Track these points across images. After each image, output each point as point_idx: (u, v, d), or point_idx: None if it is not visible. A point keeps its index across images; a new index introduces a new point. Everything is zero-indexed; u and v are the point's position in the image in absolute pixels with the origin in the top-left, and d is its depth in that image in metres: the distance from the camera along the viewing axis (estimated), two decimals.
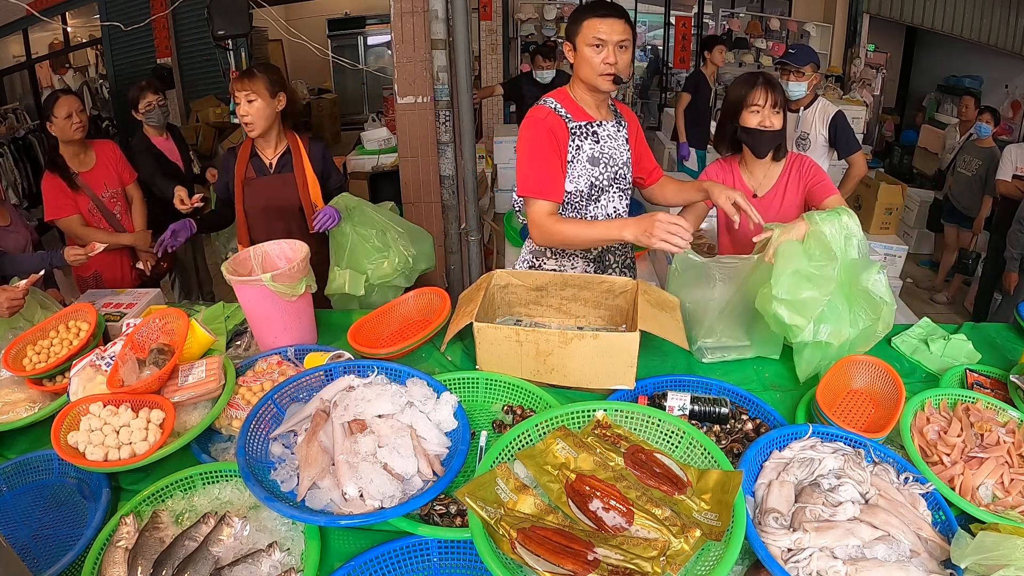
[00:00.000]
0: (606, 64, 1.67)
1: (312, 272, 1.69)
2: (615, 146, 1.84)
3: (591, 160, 1.80)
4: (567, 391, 1.51)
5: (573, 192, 1.81)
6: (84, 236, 2.60)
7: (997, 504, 1.18)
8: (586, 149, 1.79)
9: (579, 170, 1.79)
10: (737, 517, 1.00)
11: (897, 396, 1.38)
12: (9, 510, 1.28)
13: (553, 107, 1.77)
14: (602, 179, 1.83)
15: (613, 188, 1.87)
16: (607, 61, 1.67)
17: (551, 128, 1.73)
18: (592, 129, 1.79)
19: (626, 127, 1.90)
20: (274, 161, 2.26)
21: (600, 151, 1.81)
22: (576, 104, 1.80)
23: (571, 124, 1.76)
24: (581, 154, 1.79)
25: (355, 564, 1.08)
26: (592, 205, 1.85)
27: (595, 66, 1.68)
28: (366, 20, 9.63)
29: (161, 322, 1.59)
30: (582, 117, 1.79)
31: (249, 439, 1.24)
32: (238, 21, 4.12)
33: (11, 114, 6.27)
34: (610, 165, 1.83)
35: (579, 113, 1.79)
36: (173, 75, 6.95)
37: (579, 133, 1.78)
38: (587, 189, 1.82)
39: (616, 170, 1.85)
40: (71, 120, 2.52)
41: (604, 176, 1.83)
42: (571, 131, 1.76)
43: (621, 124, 1.88)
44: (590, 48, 1.67)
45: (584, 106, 1.80)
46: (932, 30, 5.99)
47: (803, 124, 3.15)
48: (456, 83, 2.64)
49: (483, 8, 6.54)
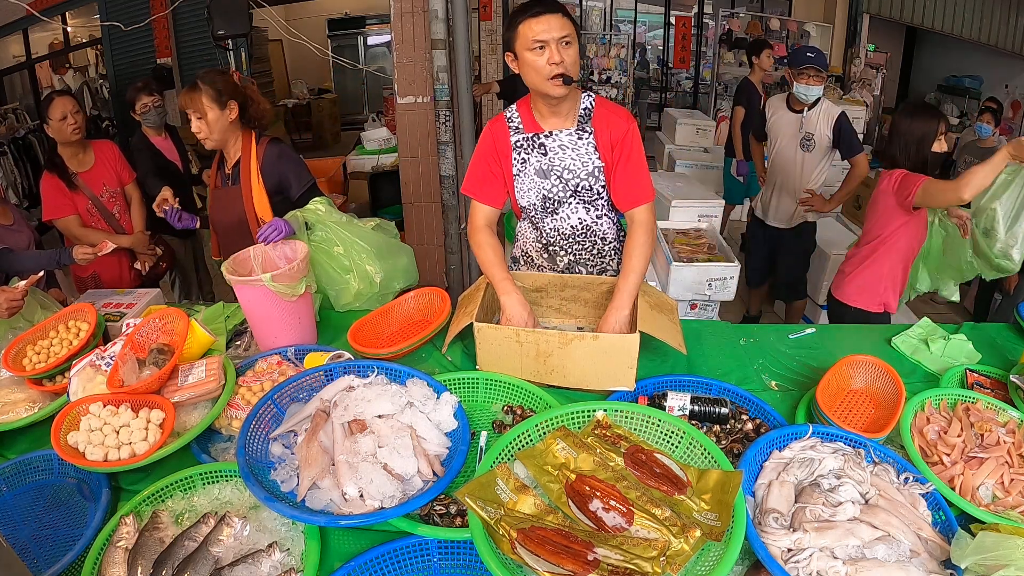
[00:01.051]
0: (552, 65, 1.53)
1: (312, 272, 1.69)
2: (573, 156, 1.69)
3: (539, 173, 1.71)
4: (567, 391, 1.51)
5: (527, 207, 1.78)
6: (82, 237, 2.59)
7: (997, 504, 1.18)
8: (532, 162, 1.71)
9: (528, 184, 1.73)
10: (737, 517, 1.00)
11: (897, 396, 1.38)
12: (9, 510, 1.28)
13: (508, 116, 1.73)
14: (556, 191, 1.73)
15: (574, 200, 1.75)
16: (552, 61, 1.53)
17: (494, 136, 1.72)
18: (539, 141, 1.69)
19: (592, 135, 1.68)
20: (230, 170, 2.12)
21: (550, 163, 1.70)
22: (530, 113, 1.71)
23: (517, 136, 1.70)
24: (528, 167, 1.72)
25: (355, 564, 1.08)
26: (549, 217, 1.78)
27: (540, 70, 1.54)
28: (366, 20, 9.63)
29: (161, 322, 1.59)
30: (532, 128, 1.70)
31: (249, 439, 1.24)
32: (238, 21, 4.13)
33: (11, 114, 6.27)
34: (565, 177, 1.71)
35: (530, 124, 1.71)
36: (173, 75, 6.95)
37: (524, 146, 1.71)
38: (540, 202, 1.75)
39: (577, 182, 1.72)
40: (66, 122, 2.51)
41: (558, 188, 1.73)
42: (516, 144, 1.71)
43: (586, 132, 1.68)
44: (531, 52, 1.54)
45: (538, 116, 1.70)
46: (932, 30, 5.99)
47: (807, 125, 3.14)
48: (456, 83, 2.64)
49: (483, 8, 6.53)
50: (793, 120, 3.20)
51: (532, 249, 1.90)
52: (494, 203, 1.75)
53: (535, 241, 1.88)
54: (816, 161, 3.17)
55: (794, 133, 3.19)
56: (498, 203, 1.76)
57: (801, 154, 3.18)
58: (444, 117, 2.72)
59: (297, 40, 5.02)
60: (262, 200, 2.06)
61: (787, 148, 3.24)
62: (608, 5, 8.14)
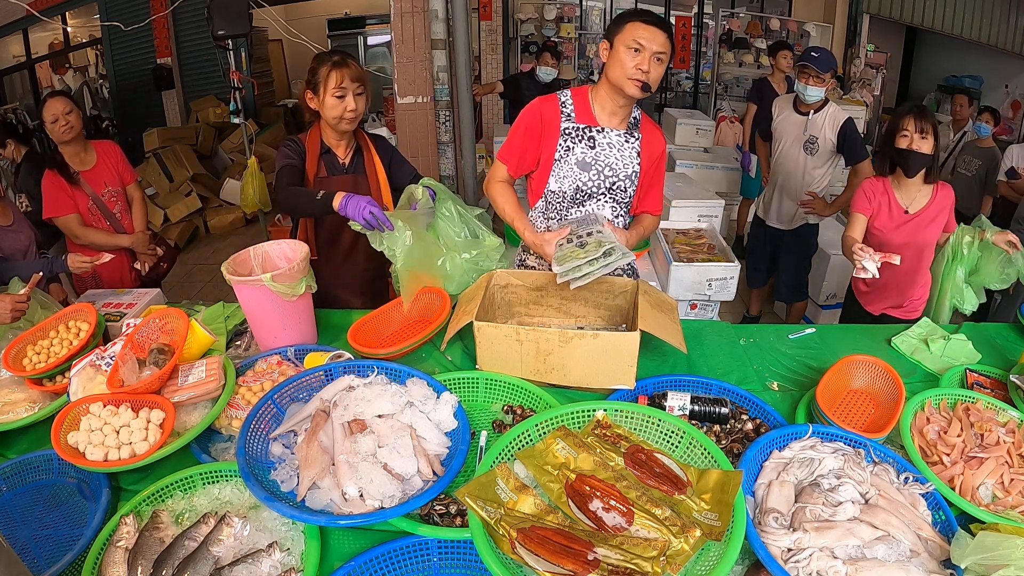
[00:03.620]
0: (638, 69, 1.64)
1: (312, 272, 1.69)
2: (618, 156, 1.80)
3: (580, 164, 1.78)
4: (567, 391, 1.51)
5: (556, 192, 1.81)
6: (82, 235, 2.60)
7: (997, 504, 1.18)
8: (577, 152, 1.77)
9: (565, 171, 1.79)
10: (737, 517, 1.00)
11: (897, 396, 1.38)
12: (9, 510, 1.28)
13: (562, 100, 1.78)
14: (591, 186, 1.80)
15: (605, 197, 1.83)
16: (640, 67, 1.64)
17: (544, 115, 1.76)
18: (590, 133, 1.77)
19: (638, 141, 1.82)
20: (347, 160, 2.06)
21: (594, 157, 1.78)
22: (588, 105, 1.79)
23: (567, 123, 1.76)
24: (570, 156, 1.77)
25: (355, 564, 1.08)
26: (574, 208, 1.84)
27: (627, 69, 1.65)
28: (366, 20, 9.62)
29: (161, 322, 1.59)
30: (585, 120, 1.78)
31: (249, 439, 1.24)
32: (238, 21, 4.12)
33: (11, 114, 6.27)
34: (605, 174, 1.80)
35: (585, 115, 1.78)
36: (173, 75, 6.95)
37: (573, 135, 1.77)
38: (571, 192, 1.80)
39: (614, 180, 1.81)
40: (57, 123, 2.52)
41: (596, 182, 1.80)
42: (564, 131, 1.76)
43: (633, 137, 1.81)
44: (627, 50, 1.64)
45: (597, 109, 1.78)
46: (932, 30, 5.98)
47: (812, 127, 3.13)
48: (456, 83, 2.64)
49: (483, 8, 6.53)
50: (798, 122, 3.19)
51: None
52: (517, 173, 1.87)
53: (545, 232, 1.89)
54: (818, 164, 3.16)
55: (798, 135, 3.19)
56: (520, 174, 1.88)
57: (804, 156, 3.18)
58: (444, 117, 2.72)
59: (297, 40, 5.02)
60: (387, 189, 2.09)
61: (791, 150, 3.23)
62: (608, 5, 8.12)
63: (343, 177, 2.04)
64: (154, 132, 6.10)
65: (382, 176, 2.08)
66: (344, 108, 1.90)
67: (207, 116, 6.62)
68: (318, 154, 2.01)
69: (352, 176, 2.06)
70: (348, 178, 2.05)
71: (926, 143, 2.09)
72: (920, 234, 2.18)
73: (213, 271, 3.65)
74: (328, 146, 2.03)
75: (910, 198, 2.20)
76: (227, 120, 6.51)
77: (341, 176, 2.04)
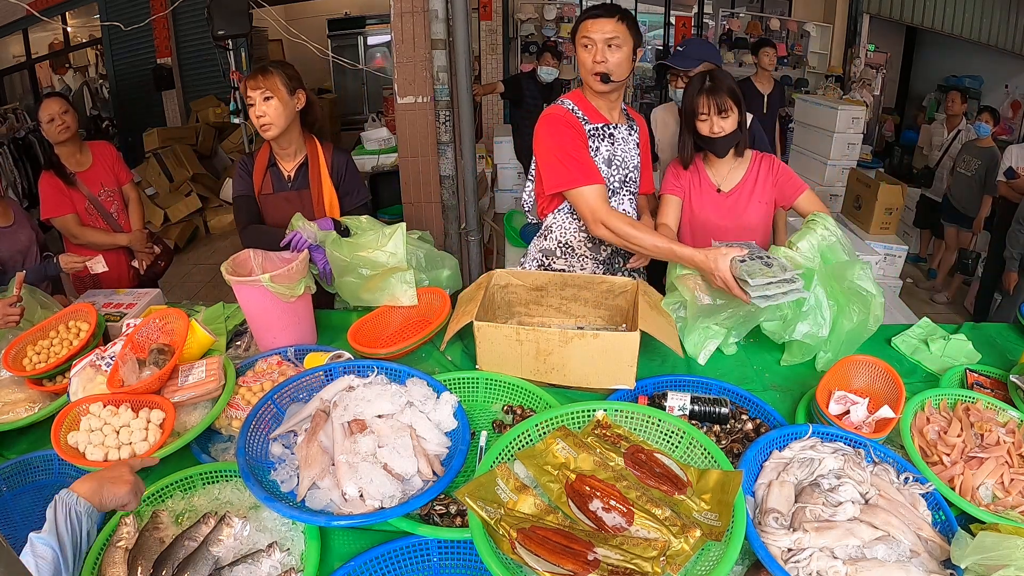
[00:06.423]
0: (594, 63, 1.71)
1: (311, 273, 1.69)
2: (627, 149, 1.87)
3: (606, 162, 1.82)
4: (567, 391, 1.51)
5: None
6: (80, 235, 2.61)
7: (997, 504, 1.18)
8: (603, 151, 1.82)
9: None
10: (737, 517, 1.00)
11: (897, 396, 1.38)
12: (9, 510, 1.28)
13: (569, 108, 1.80)
14: (614, 181, 1.85)
15: (623, 191, 1.89)
16: (595, 60, 1.70)
17: (571, 124, 1.77)
18: (608, 131, 1.82)
19: (637, 132, 1.92)
20: (292, 173, 2.01)
21: (614, 153, 1.84)
22: (591, 106, 1.82)
23: (587, 126, 1.79)
24: (598, 156, 1.81)
25: (355, 564, 1.08)
26: None
27: (586, 65, 1.73)
28: (366, 20, 9.62)
29: (161, 322, 1.59)
30: (597, 119, 1.82)
31: (249, 439, 1.24)
32: (238, 21, 4.13)
33: (11, 114, 6.26)
34: (622, 168, 1.87)
35: (594, 115, 1.82)
36: (173, 75, 6.95)
37: (596, 135, 1.81)
38: None
39: (627, 173, 1.88)
40: (53, 123, 2.53)
41: (616, 178, 1.86)
42: (590, 133, 1.79)
43: (633, 129, 1.90)
44: (582, 48, 1.74)
45: (598, 108, 1.83)
46: (932, 30, 5.98)
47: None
48: (456, 83, 2.64)
49: (483, 8, 6.53)
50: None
51: (574, 239, 1.91)
52: (601, 181, 1.75)
53: (578, 231, 1.89)
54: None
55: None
56: (603, 181, 1.76)
57: None
58: (444, 117, 2.71)
59: (297, 40, 5.01)
60: (334, 204, 2.01)
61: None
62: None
63: (288, 193, 2.01)
64: (154, 132, 6.11)
65: (328, 190, 2.01)
66: (255, 116, 1.88)
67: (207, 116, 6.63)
68: (265, 168, 2.01)
69: (296, 192, 2.01)
70: (293, 194, 2.01)
71: (728, 120, 1.84)
72: (741, 215, 1.95)
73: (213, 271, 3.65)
74: (275, 158, 2.01)
75: (721, 176, 1.98)
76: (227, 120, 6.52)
77: (285, 192, 2.01)
